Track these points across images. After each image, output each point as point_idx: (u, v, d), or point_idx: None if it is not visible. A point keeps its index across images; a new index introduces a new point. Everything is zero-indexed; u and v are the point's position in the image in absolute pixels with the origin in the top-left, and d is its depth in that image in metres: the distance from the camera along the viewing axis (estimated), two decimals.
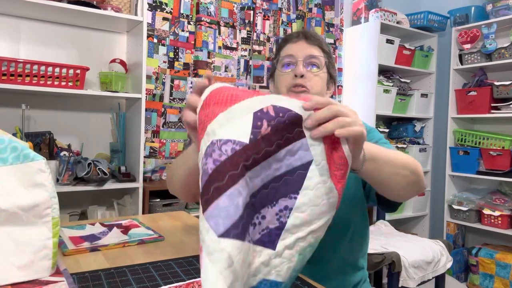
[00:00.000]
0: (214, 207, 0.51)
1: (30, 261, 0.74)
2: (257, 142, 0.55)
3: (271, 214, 0.58)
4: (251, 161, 0.55)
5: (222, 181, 0.52)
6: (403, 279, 1.90)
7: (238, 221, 0.52)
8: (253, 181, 0.56)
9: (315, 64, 1.05)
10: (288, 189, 0.59)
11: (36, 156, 0.76)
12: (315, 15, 2.78)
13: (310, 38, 1.07)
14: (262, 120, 0.56)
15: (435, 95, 3.11)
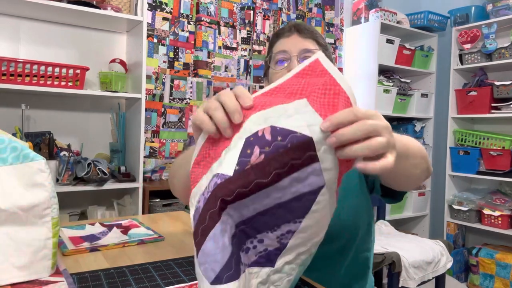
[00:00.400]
0: (201, 254, 0.49)
1: (30, 261, 0.74)
2: (244, 173, 0.48)
3: (270, 238, 0.52)
4: (234, 196, 0.48)
5: (204, 222, 0.49)
6: (403, 279, 1.90)
7: (229, 261, 0.49)
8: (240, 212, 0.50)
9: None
10: (293, 215, 0.51)
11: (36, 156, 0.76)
12: (315, 15, 2.78)
13: (303, 31, 1.01)
14: (254, 146, 0.48)
15: (435, 95, 3.11)
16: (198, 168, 0.55)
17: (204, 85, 2.40)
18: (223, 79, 2.47)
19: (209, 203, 0.49)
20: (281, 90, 0.53)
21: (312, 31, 1.02)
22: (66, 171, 1.87)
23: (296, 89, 0.52)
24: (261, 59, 2.61)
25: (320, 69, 0.51)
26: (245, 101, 0.53)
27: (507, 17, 2.58)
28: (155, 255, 0.93)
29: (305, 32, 1.01)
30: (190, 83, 2.36)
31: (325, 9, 2.85)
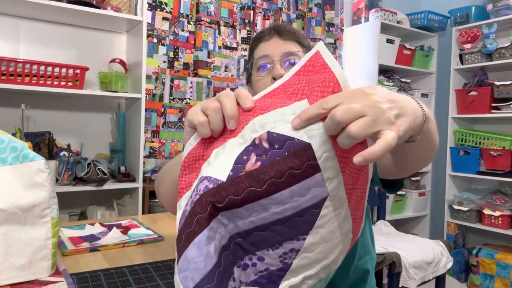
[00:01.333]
0: (183, 259, 0.46)
1: (30, 261, 0.73)
2: (238, 179, 0.45)
3: (272, 256, 0.48)
4: (225, 203, 0.45)
5: (190, 227, 0.46)
6: (404, 279, 1.90)
7: (211, 271, 0.45)
8: (234, 222, 0.47)
9: (294, 61, 0.94)
10: (295, 231, 0.47)
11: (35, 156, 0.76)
12: (315, 15, 2.78)
13: (283, 33, 0.95)
14: (250, 153, 0.45)
15: (435, 95, 3.11)
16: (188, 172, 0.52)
17: (204, 85, 2.40)
18: (223, 79, 2.47)
19: (196, 206, 0.46)
20: (282, 91, 0.51)
21: (293, 32, 0.97)
22: (66, 171, 1.87)
23: (298, 88, 0.49)
24: None
25: (320, 63, 0.49)
26: (246, 103, 0.51)
27: (507, 17, 2.58)
28: (155, 255, 0.93)
29: (286, 34, 0.95)
30: (190, 83, 2.36)
31: (325, 9, 2.85)
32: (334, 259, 0.50)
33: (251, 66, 1.00)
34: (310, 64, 0.50)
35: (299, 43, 0.96)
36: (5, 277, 0.71)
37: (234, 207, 0.46)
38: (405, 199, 2.97)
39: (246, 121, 0.49)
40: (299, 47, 0.96)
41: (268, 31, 0.97)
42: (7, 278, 0.71)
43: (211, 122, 0.52)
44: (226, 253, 0.47)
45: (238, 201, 0.45)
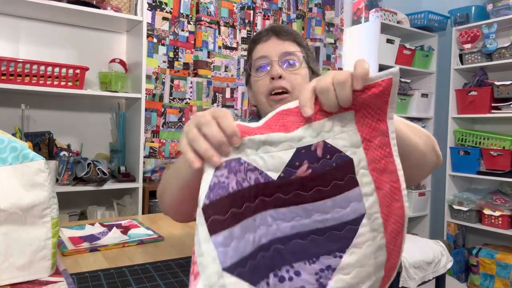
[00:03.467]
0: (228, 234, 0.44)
1: (30, 261, 0.73)
2: (288, 182, 0.48)
3: (308, 272, 0.49)
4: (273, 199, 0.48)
5: (239, 208, 0.46)
6: (404, 279, 1.90)
7: (245, 259, 0.45)
8: (278, 224, 0.49)
9: (292, 61, 0.94)
10: (333, 245, 0.49)
11: (35, 156, 0.76)
12: (315, 15, 2.78)
13: (281, 33, 0.95)
14: (303, 160, 0.47)
15: (435, 95, 3.11)
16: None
17: (204, 85, 2.40)
18: (223, 79, 2.47)
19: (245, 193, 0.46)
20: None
21: (291, 33, 0.97)
22: (65, 171, 1.87)
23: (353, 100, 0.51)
24: None
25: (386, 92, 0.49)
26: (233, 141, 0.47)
27: (507, 17, 2.58)
28: (155, 255, 0.93)
29: (283, 34, 0.96)
30: (190, 83, 2.36)
31: (325, 9, 2.85)
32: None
33: (249, 67, 0.99)
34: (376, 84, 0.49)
35: (297, 43, 0.96)
36: (5, 277, 0.71)
37: (280, 206, 0.48)
38: None
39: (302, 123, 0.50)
40: (297, 47, 0.96)
41: (266, 32, 0.97)
42: (7, 278, 0.71)
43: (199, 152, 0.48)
44: (263, 253, 0.48)
45: (285, 200, 0.48)
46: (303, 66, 0.95)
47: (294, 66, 0.94)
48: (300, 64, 0.95)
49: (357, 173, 0.48)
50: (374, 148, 0.49)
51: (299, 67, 0.94)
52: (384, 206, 0.50)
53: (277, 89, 0.92)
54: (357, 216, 0.49)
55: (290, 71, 0.93)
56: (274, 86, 0.92)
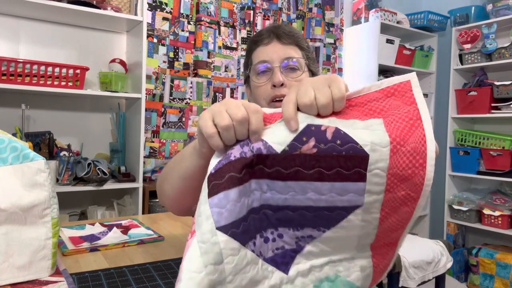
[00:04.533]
0: (223, 196, 0.46)
1: (30, 261, 0.74)
2: (291, 157, 0.48)
3: (290, 236, 0.52)
4: (273, 171, 0.49)
5: (238, 173, 0.47)
6: (403, 279, 1.90)
7: (240, 221, 0.47)
8: (272, 194, 0.50)
9: (294, 67, 0.92)
10: (320, 223, 0.51)
11: (35, 156, 0.76)
12: (315, 15, 2.78)
13: (283, 37, 0.92)
14: (311, 137, 0.48)
15: (435, 95, 3.11)
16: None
17: (204, 85, 2.40)
18: (223, 79, 2.47)
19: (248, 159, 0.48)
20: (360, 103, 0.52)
21: (293, 35, 0.94)
22: (66, 171, 1.87)
23: (376, 107, 0.51)
24: None
25: (409, 95, 0.51)
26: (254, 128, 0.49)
27: (507, 17, 2.58)
28: (155, 255, 0.93)
29: (285, 38, 0.93)
30: (190, 83, 2.36)
31: (325, 9, 2.85)
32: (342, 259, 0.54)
33: (249, 70, 0.98)
34: (397, 89, 0.51)
35: (298, 47, 0.94)
36: (5, 277, 0.71)
37: (278, 179, 0.49)
38: None
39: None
40: (298, 51, 0.94)
41: (267, 33, 0.94)
42: (7, 278, 0.71)
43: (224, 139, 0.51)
44: (253, 216, 0.50)
45: (284, 175, 0.49)
46: (304, 71, 0.94)
47: (296, 72, 0.93)
48: (302, 70, 0.93)
49: (369, 170, 0.48)
50: (403, 153, 0.48)
51: (301, 74, 0.93)
52: (388, 207, 0.50)
53: (279, 97, 0.90)
54: (352, 205, 0.50)
55: (292, 78, 0.92)
56: (276, 95, 0.91)
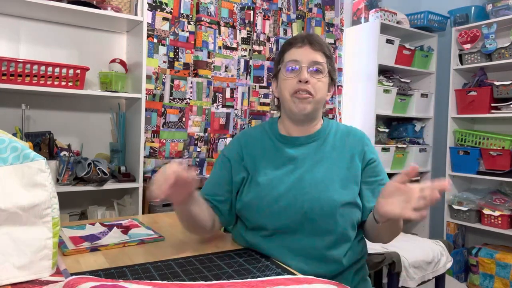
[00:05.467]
0: None
1: (30, 261, 0.74)
2: None
3: None
4: None
5: None
6: (403, 279, 1.90)
7: None
8: None
9: (318, 70, 1.08)
10: None
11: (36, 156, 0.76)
12: (315, 15, 2.78)
13: (314, 44, 1.09)
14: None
15: (435, 95, 3.11)
16: None
17: (204, 85, 2.40)
18: (223, 79, 2.48)
19: None
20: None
21: (321, 44, 1.11)
22: (66, 171, 1.87)
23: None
24: (261, 59, 2.61)
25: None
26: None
27: (507, 17, 2.58)
28: (155, 255, 0.93)
29: (316, 45, 1.09)
30: (190, 83, 2.37)
31: (325, 9, 2.85)
32: None
33: (280, 64, 1.13)
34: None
35: (324, 54, 1.10)
36: (6, 277, 0.71)
37: None
38: None
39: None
40: (324, 58, 1.10)
41: (302, 39, 1.11)
42: (7, 278, 0.72)
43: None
44: None
45: None
46: (326, 75, 1.10)
47: (319, 74, 1.09)
48: (324, 73, 1.10)
49: None
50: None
51: (323, 76, 1.09)
52: None
53: (302, 91, 1.07)
54: None
55: (316, 78, 1.08)
56: (300, 88, 1.07)
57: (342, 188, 1.05)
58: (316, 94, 1.07)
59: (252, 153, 1.13)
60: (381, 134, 2.86)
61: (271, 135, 1.16)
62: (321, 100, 1.10)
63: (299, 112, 1.08)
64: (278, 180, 1.06)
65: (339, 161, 1.10)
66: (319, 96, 1.08)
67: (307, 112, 1.08)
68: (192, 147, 2.39)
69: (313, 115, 1.12)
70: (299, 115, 1.10)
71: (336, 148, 1.12)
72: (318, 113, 1.14)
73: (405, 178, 0.87)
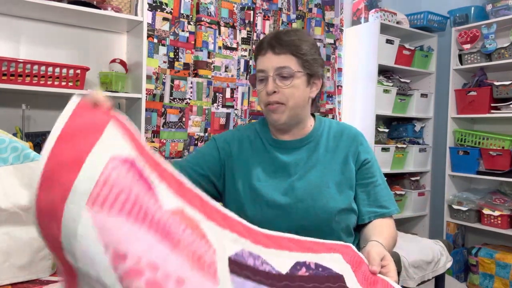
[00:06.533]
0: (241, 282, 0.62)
1: (30, 261, 0.74)
2: (293, 277, 0.68)
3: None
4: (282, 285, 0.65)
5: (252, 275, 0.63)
6: (403, 279, 1.91)
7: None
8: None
9: (285, 75, 1.01)
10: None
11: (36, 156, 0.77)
12: (315, 15, 2.78)
13: (276, 47, 1.01)
14: (302, 267, 0.69)
15: (435, 95, 3.11)
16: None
17: (204, 85, 2.41)
18: (223, 79, 2.48)
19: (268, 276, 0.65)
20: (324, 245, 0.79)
21: (287, 45, 1.01)
22: None
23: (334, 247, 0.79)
24: None
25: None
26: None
27: (507, 17, 2.58)
28: None
29: (278, 48, 1.01)
30: (190, 83, 2.37)
31: (325, 9, 2.85)
32: None
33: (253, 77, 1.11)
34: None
35: (293, 55, 1.02)
36: (6, 277, 0.72)
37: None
38: (405, 199, 2.98)
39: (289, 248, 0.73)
40: (292, 59, 1.01)
41: (266, 43, 1.03)
42: (8, 278, 0.72)
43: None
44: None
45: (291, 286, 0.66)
46: (297, 76, 1.02)
47: (287, 80, 1.02)
48: (295, 76, 1.02)
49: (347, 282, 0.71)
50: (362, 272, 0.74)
51: (293, 81, 1.02)
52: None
53: (271, 103, 1.03)
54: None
55: (284, 84, 1.01)
56: (269, 101, 1.03)
57: (337, 194, 1.02)
58: (288, 102, 1.01)
59: (246, 155, 1.10)
60: (381, 134, 2.86)
61: (262, 138, 1.12)
62: (296, 105, 1.03)
63: (275, 122, 1.05)
64: (272, 188, 1.03)
65: (333, 164, 1.06)
66: (292, 102, 1.01)
67: (283, 121, 1.04)
68: (192, 147, 2.40)
69: (294, 121, 1.07)
70: (277, 125, 1.07)
71: (329, 150, 1.08)
72: (301, 116, 1.08)
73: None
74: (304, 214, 1.00)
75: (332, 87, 2.90)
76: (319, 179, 1.03)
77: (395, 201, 1.11)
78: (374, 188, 1.07)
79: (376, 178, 1.09)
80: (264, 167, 1.07)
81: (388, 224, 1.05)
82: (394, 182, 3.03)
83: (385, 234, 0.98)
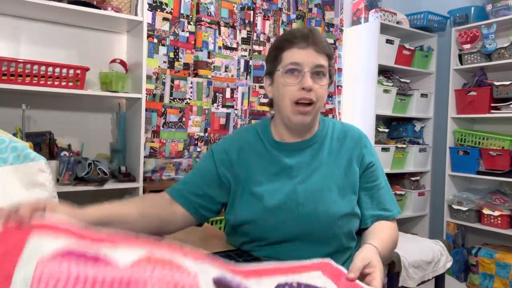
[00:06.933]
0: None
1: None
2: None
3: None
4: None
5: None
6: (403, 279, 1.90)
7: None
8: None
9: (321, 74, 1.00)
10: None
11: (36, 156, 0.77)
12: (315, 15, 2.78)
13: (318, 45, 0.99)
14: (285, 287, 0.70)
15: (435, 95, 3.11)
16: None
17: (204, 85, 2.41)
18: (223, 79, 2.48)
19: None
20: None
21: (325, 45, 1.01)
22: (66, 171, 1.88)
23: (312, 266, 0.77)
24: (261, 59, 2.62)
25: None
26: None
27: (507, 17, 2.58)
28: None
29: (320, 46, 0.99)
30: (190, 83, 2.37)
31: (325, 9, 2.86)
32: None
33: (278, 64, 1.01)
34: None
35: (327, 56, 1.01)
36: None
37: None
38: (405, 199, 2.98)
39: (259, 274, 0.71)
40: (327, 60, 1.01)
41: (305, 38, 0.99)
42: None
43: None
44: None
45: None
46: (327, 78, 1.01)
47: (322, 80, 1.00)
48: (327, 77, 1.01)
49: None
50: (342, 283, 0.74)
51: (325, 80, 1.01)
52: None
53: (305, 100, 0.98)
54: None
55: (318, 84, 0.99)
56: (303, 97, 0.98)
57: (340, 198, 1.00)
58: (317, 102, 0.99)
59: (246, 161, 1.06)
60: (381, 134, 2.86)
61: (264, 140, 1.08)
62: (320, 107, 1.02)
63: (299, 123, 1.01)
64: (273, 192, 1.00)
65: (337, 167, 1.03)
66: (320, 103, 1.00)
67: (307, 123, 1.02)
68: (192, 147, 2.40)
69: (312, 124, 1.05)
70: (298, 126, 1.03)
71: (333, 152, 1.05)
72: (317, 119, 1.07)
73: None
74: (306, 220, 0.98)
75: (332, 87, 2.90)
76: (322, 183, 1.01)
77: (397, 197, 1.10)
78: (377, 191, 1.05)
79: (380, 180, 1.07)
80: (266, 170, 1.04)
81: (389, 226, 1.02)
82: (394, 182, 3.03)
83: (384, 237, 0.96)
